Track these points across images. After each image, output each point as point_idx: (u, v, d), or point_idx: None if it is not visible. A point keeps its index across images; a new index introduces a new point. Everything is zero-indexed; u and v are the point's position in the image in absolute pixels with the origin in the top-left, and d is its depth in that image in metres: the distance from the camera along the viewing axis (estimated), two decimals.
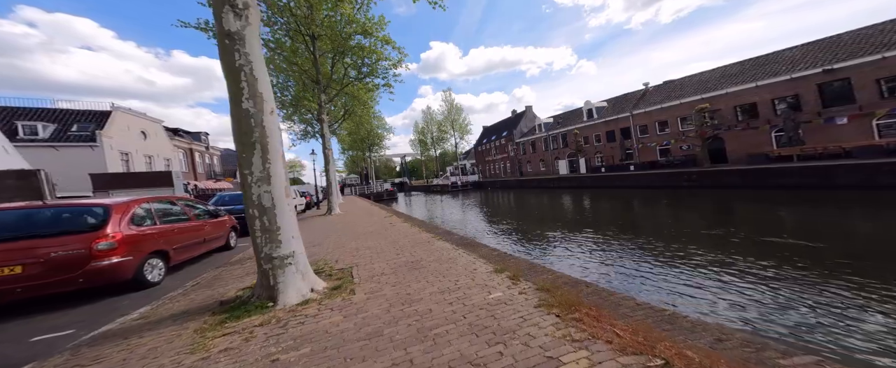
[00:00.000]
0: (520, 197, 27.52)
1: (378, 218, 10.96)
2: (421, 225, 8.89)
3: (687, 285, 5.37)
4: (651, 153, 25.34)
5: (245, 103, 3.40)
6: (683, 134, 22.68)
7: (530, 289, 3.27)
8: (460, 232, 11.67)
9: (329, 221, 11.72)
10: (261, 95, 3.48)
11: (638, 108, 26.88)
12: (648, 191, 20.27)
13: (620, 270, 6.44)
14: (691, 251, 7.20)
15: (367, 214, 12.87)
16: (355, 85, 18.03)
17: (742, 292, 4.91)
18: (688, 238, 8.50)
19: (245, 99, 3.40)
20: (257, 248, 3.43)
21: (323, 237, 8.07)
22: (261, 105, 3.47)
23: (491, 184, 47.50)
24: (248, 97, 3.40)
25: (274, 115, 3.67)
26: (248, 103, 3.40)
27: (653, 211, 14.48)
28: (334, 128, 30.44)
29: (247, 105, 3.40)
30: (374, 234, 7.74)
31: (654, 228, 10.37)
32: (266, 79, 3.65)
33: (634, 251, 7.70)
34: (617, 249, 8.03)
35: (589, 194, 23.03)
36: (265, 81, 3.58)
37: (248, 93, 3.40)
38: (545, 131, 40.28)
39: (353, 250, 6.13)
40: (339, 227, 9.66)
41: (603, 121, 30.78)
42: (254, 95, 3.43)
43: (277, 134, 3.66)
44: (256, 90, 3.45)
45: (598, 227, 10.97)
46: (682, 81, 25.52)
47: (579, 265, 7.01)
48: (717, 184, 17.66)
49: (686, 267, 6.21)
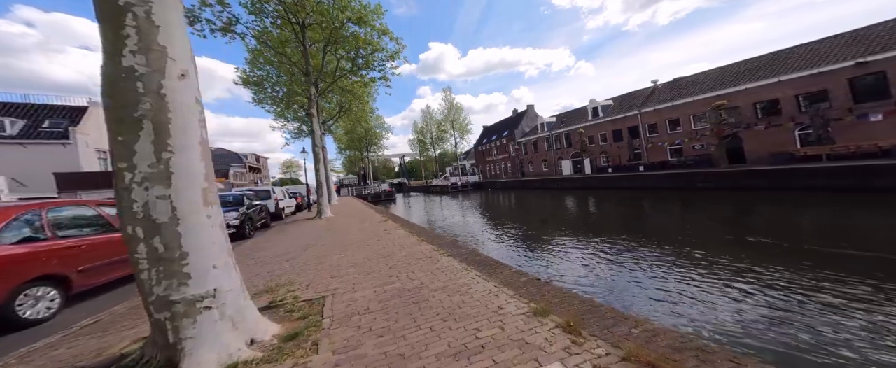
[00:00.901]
0: (523, 198, 26.21)
1: (372, 224, 9.59)
2: (420, 233, 7.53)
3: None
4: (661, 153, 24.07)
5: (127, 58, 2.06)
6: (697, 132, 21.41)
7: (609, 358, 1.92)
8: (466, 240, 10.31)
9: (316, 226, 10.34)
10: (163, 51, 2.14)
11: (647, 106, 25.57)
12: (659, 193, 19.01)
13: (690, 294, 5.11)
14: (761, 267, 5.87)
15: (361, 218, 11.51)
16: (350, 78, 16.71)
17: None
18: (737, 247, 7.18)
19: (128, 51, 2.06)
20: (143, 288, 2.05)
21: (302, 247, 6.70)
22: (161, 64, 2.13)
23: (491, 184, 46.20)
24: (136, 50, 2.05)
25: (186, 81, 2.29)
26: (133, 59, 2.05)
27: (677, 215, 13.19)
28: (329, 126, 29.10)
29: (131, 60, 2.06)
30: (365, 244, 6.37)
31: (688, 235, 9.06)
32: (181, 33, 2.31)
33: (685, 264, 6.36)
34: (656, 261, 6.69)
35: (596, 196, 21.76)
36: (177, 35, 2.24)
37: (136, 43, 2.04)
38: (548, 130, 39.03)
39: (334, 267, 4.77)
40: (325, 234, 8.29)
41: (609, 120, 29.51)
42: (147, 49, 2.09)
43: (192, 109, 2.30)
44: (153, 41, 2.11)
45: (618, 233, 9.65)
46: (694, 78, 24.29)
47: (623, 287, 5.67)
48: (736, 186, 16.38)
49: (766, 288, 4.88)
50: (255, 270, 5.13)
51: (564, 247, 8.67)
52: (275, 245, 7.34)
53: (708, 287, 5.24)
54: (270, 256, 6.06)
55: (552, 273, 6.58)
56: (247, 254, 6.43)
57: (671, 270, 6.13)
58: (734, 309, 4.43)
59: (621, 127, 27.99)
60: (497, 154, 53.16)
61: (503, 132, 51.79)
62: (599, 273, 6.39)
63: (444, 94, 53.36)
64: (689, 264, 6.36)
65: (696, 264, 6.32)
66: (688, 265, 6.31)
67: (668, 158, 23.24)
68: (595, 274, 6.36)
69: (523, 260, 7.81)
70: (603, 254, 7.55)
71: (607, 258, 7.27)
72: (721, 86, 20.76)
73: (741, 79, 20.03)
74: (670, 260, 6.73)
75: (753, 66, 20.25)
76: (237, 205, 9.01)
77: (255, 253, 6.48)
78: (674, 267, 6.25)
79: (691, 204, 14.77)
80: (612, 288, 5.60)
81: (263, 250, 6.82)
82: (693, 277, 5.68)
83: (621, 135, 28.04)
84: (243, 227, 8.57)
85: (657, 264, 6.55)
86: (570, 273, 6.52)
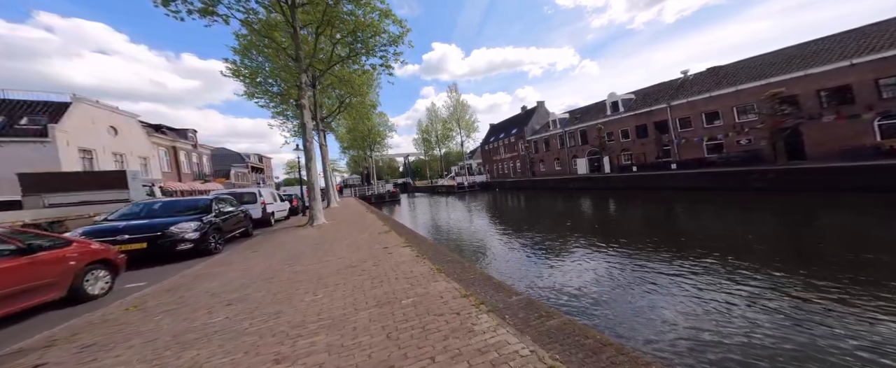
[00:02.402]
0: (536, 199, 24.06)
1: (370, 236, 7.61)
2: (435, 255, 5.51)
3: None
4: (696, 149, 21.58)
5: None
6: (742, 126, 18.99)
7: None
8: (501, 265, 8.24)
9: (304, 237, 8.39)
10: None
11: (678, 99, 23.05)
12: (697, 194, 16.72)
13: None
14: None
15: (359, 226, 9.54)
16: (349, 67, 14.81)
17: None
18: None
19: None
20: None
21: (267, 275, 4.72)
22: None
23: (500, 184, 44.05)
24: None
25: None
26: None
27: (743, 222, 10.99)
28: (329, 122, 27.27)
29: None
30: (355, 273, 4.38)
31: (784, 253, 6.92)
32: None
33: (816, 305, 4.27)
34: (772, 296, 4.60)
35: (622, 197, 19.53)
36: None
37: None
38: (560, 127, 36.77)
39: (293, 330, 2.75)
40: (308, 251, 6.33)
41: (631, 115, 27.10)
42: None
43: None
44: None
45: (699, 249, 7.54)
46: (734, 67, 21.70)
47: None
48: (801, 186, 13.91)
49: None
50: (169, 326, 3.13)
51: (643, 267, 6.59)
52: (234, 268, 5.39)
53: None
54: (210, 293, 4.08)
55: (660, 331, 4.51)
56: (184, 288, 4.46)
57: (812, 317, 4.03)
58: None
59: (646, 122, 25.62)
60: (505, 153, 50.98)
61: (512, 130, 49.60)
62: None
63: (450, 92, 51.27)
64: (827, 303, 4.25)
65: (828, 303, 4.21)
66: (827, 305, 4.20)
67: (705, 155, 20.86)
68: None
69: (587, 303, 5.75)
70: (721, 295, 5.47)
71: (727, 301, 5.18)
72: (772, 73, 18.14)
73: (800, 63, 17.26)
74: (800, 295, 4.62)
75: (817, 49, 17.39)
76: (201, 213, 7.11)
77: (195, 286, 4.50)
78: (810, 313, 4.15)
79: (751, 207, 12.52)
80: None
81: (212, 278, 4.85)
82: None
83: (646, 130, 25.70)
84: (206, 241, 6.65)
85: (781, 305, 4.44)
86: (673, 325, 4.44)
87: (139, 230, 5.89)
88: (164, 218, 6.41)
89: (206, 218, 6.94)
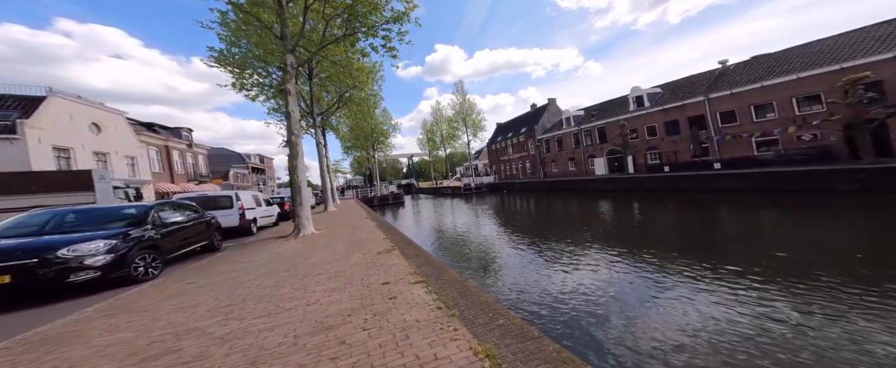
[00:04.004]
0: (552, 202, 21.87)
1: (366, 258, 5.52)
2: (470, 305, 3.36)
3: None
4: (742, 146, 19.16)
5: None
6: (804, 118, 16.45)
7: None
8: (548, 311, 6.13)
9: (276, 256, 6.33)
10: None
11: (718, 90, 20.64)
12: (749, 197, 14.43)
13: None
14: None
15: (354, 239, 7.48)
16: (346, 47, 12.82)
17: None
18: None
19: None
20: None
21: (192, 337, 2.64)
22: None
23: (509, 186, 41.84)
24: None
25: None
26: None
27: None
28: (327, 118, 25.29)
29: None
30: (327, 347, 2.27)
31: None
32: None
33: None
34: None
35: (655, 201, 17.27)
36: None
37: None
38: (575, 125, 34.51)
39: None
40: (264, 289, 4.25)
41: (659, 110, 24.70)
42: None
43: None
44: None
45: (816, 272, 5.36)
46: (787, 53, 19.17)
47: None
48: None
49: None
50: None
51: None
52: (142, 315, 3.33)
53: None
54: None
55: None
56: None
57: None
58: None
59: (678, 117, 23.26)
60: (513, 152, 48.79)
61: (520, 129, 47.42)
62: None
63: (456, 89, 49.11)
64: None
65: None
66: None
67: (755, 152, 18.55)
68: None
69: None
70: None
71: None
72: (841, 58, 15.60)
73: (882, 44, 14.56)
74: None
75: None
76: (129, 225, 5.05)
77: (41, 362, 2.46)
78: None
79: (836, 214, 10.23)
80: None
81: (88, 341, 2.78)
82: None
83: (678, 126, 23.33)
84: (125, 265, 4.61)
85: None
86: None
87: (5, 255, 3.85)
88: (54, 237, 4.37)
89: (133, 233, 4.90)
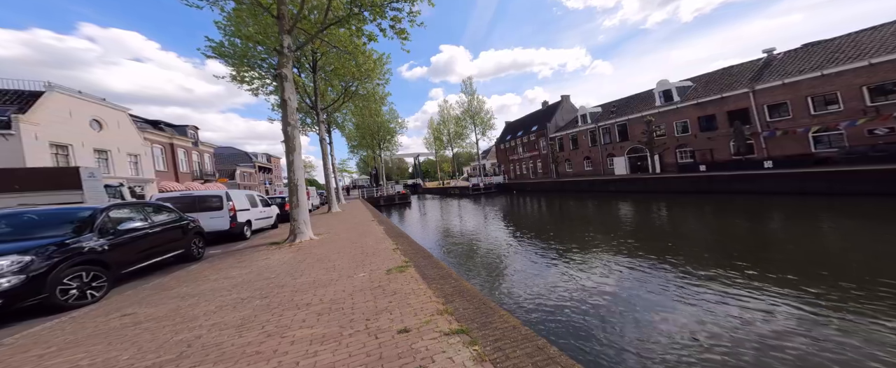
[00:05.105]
0: (569, 204, 20.39)
1: (373, 277, 4.30)
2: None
3: None
4: (797, 142, 17.39)
5: None
6: (877, 110, 14.61)
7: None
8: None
9: (260, 271, 5.15)
10: None
11: (765, 81, 18.76)
12: (814, 201, 12.61)
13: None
14: None
15: (359, 250, 6.26)
16: (349, 32, 11.66)
17: None
18: None
19: None
20: None
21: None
22: None
23: (519, 186, 40.30)
24: None
25: None
26: None
27: None
28: (332, 114, 24.20)
29: None
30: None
31: None
32: None
33: None
34: None
35: (691, 204, 15.68)
36: None
37: None
38: (592, 123, 32.85)
39: None
40: (223, 332, 3.04)
41: (692, 105, 22.79)
42: None
43: None
44: None
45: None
46: (850, 39, 17.05)
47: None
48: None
49: None
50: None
51: None
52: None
53: None
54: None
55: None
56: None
57: None
58: None
59: (715, 111, 21.43)
60: (524, 152, 47.19)
61: (531, 127, 45.81)
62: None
63: (465, 86, 47.69)
64: None
65: None
66: None
67: (813, 149, 16.73)
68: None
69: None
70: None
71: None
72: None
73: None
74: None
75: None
76: (64, 235, 3.88)
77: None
78: None
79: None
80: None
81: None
82: None
83: (714, 121, 21.54)
84: (40, 290, 3.43)
85: None
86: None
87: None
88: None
89: (69, 244, 3.75)
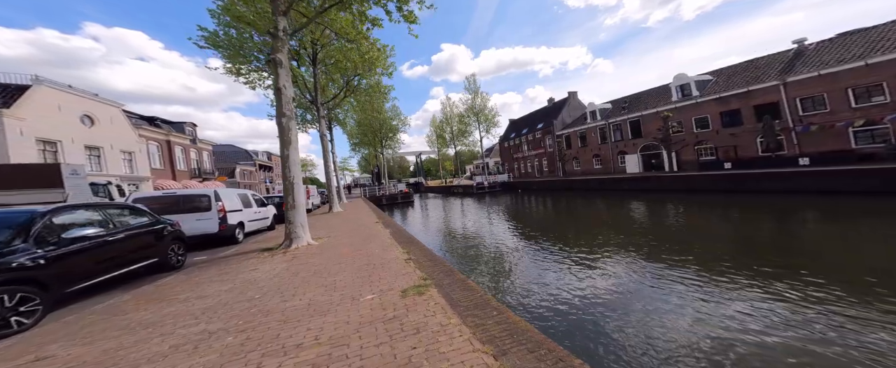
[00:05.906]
0: (581, 204, 19.43)
1: (382, 304, 3.36)
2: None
3: None
4: (835, 137, 16.38)
5: None
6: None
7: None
8: None
9: (243, 288, 4.23)
10: None
11: (798, 73, 17.67)
12: (860, 201, 11.59)
13: None
14: None
15: (363, 259, 5.35)
16: (352, 17, 10.66)
17: None
18: None
19: None
20: None
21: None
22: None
23: (524, 185, 39.30)
24: None
25: None
26: None
27: None
28: (333, 110, 23.22)
29: None
30: None
31: None
32: None
33: None
34: None
35: (716, 204, 14.69)
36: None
37: None
38: (602, 119, 31.79)
39: None
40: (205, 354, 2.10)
41: (713, 99, 21.64)
42: None
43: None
44: None
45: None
46: (884, 28, 16.02)
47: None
48: None
49: None
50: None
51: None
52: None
53: None
54: None
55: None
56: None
57: None
58: None
59: (739, 106, 20.36)
60: (528, 149, 46.16)
61: (537, 125, 44.75)
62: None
63: (468, 83, 46.57)
64: None
65: None
66: None
67: (854, 145, 15.69)
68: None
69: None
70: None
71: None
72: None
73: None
74: None
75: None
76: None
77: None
78: None
79: None
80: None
81: None
82: None
83: (739, 116, 20.47)
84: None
85: None
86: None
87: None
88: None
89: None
